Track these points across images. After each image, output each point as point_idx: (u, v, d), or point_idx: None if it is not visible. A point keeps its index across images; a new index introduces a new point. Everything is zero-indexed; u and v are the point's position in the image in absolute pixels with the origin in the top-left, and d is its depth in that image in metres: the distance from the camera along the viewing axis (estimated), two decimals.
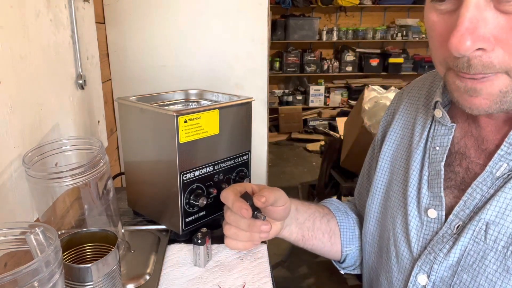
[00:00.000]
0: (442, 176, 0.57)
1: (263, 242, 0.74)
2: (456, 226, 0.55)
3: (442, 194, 0.57)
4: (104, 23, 1.20)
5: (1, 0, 0.57)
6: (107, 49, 1.22)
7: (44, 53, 0.71)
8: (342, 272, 0.81)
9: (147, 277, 0.65)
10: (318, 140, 4.59)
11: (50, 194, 0.57)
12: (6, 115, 0.58)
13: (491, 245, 0.50)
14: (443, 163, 0.58)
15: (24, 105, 0.63)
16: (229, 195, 0.63)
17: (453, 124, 0.58)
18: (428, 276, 0.57)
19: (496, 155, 0.51)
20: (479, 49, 0.43)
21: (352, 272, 0.81)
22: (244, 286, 0.65)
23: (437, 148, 0.59)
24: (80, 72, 0.87)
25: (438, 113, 0.58)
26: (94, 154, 0.59)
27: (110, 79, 1.25)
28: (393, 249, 0.64)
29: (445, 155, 0.58)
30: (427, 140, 0.62)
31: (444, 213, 0.57)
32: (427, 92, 0.66)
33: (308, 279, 2.26)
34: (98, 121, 1.04)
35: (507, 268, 0.49)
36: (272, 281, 0.67)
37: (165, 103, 0.85)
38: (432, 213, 0.58)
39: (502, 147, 0.51)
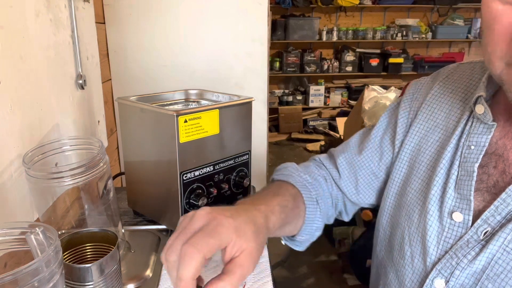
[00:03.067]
0: (474, 178, 0.53)
1: None
2: (484, 232, 0.51)
3: (472, 198, 0.53)
4: (104, 23, 1.20)
5: (1, 0, 0.57)
6: (107, 49, 1.22)
7: (44, 53, 0.71)
8: (283, 242, 0.74)
9: (147, 277, 0.65)
10: (318, 140, 4.59)
11: (50, 194, 0.57)
12: (6, 115, 0.58)
13: None
14: (477, 164, 0.53)
15: (24, 105, 0.63)
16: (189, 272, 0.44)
17: (494, 123, 0.53)
18: (447, 282, 0.54)
19: None
20: None
21: (290, 245, 0.74)
22: (244, 286, 0.65)
23: (472, 147, 0.54)
24: (80, 72, 0.87)
25: (480, 109, 0.53)
26: (94, 154, 0.59)
27: (110, 79, 1.25)
28: (408, 248, 0.61)
29: (481, 156, 0.53)
30: (460, 137, 0.57)
31: (471, 218, 0.53)
32: (466, 85, 0.61)
33: (308, 279, 2.26)
34: (98, 121, 1.04)
35: None
36: (272, 281, 0.67)
37: (165, 103, 0.85)
38: (458, 216, 0.54)
39: None
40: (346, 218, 0.81)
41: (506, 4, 0.41)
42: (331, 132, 4.67)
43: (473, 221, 0.52)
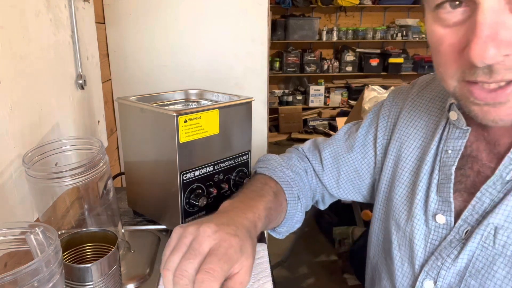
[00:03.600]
0: (452, 181, 0.56)
1: (263, 242, 0.74)
2: (465, 231, 0.53)
3: (452, 199, 0.55)
4: (104, 23, 1.20)
5: (1, 0, 0.57)
6: (107, 49, 1.22)
7: (44, 53, 0.71)
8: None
9: (147, 277, 0.65)
10: None
11: (50, 194, 0.57)
12: (6, 115, 0.58)
13: (500, 250, 0.49)
14: (454, 167, 0.56)
15: (24, 105, 0.63)
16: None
17: (468, 127, 0.55)
18: (435, 282, 0.55)
19: (506, 158, 0.50)
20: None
21: (270, 233, 0.76)
22: None
23: (450, 151, 0.57)
24: (80, 72, 0.87)
25: (453, 115, 0.56)
26: (94, 154, 0.59)
27: (110, 79, 1.25)
28: (397, 253, 0.62)
29: (457, 159, 0.56)
30: (439, 143, 0.59)
31: (453, 219, 0.55)
32: (442, 93, 0.63)
33: (308, 279, 2.26)
34: (98, 121, 1.04)
35: None
36: (272, 281, 0.67)
37: (165, 103, 0.85)
38: (441, 218, 0.56)
39: None
40: (322, 207, 0.84)
41: (446, 27, 0.44)
42: (331, 132, 4.66)
43: (455, 222, 0.55)
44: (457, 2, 0.42)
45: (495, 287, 0.49)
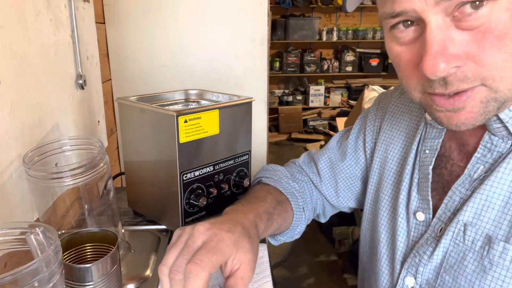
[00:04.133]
0: (430, 180, 0.58)
1: (263, 242, 0.74)
2: (439, 228, 0.56)
3: (430, 198, 0.58)
4: (104, 23, 1.20)
5: (1, 0, 0.57)
6: (107, 49, 1.22)
7: (44, 53, 0.71)
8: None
9: (147, 277, 0.65)
10: (318, 140, 4.59)
11: (50, 194, 0.57)
12: (6, 115, 0.58)
13: (470, 245, 0.52)
14: (431, 167, 0.59)
15: (24, 105, 0.63)
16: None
17: (444, 127, 0.58)
18: (415, 278, 0.58)
19: (473, 157, 0.53)
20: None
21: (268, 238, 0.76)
22: None
23: (427, 151, 0.60)
24: (80, 72, 0.87)
25: (429, 116, 0.59)
26: (94, 154, 0.59)
27: (110, 79, 1.25)
28: (384, 251, 0.65)
29: (434, 159, 0.59)
30: (419, 143, 0.62)
31: (431, 216, 0.58)
32: None
33: (308, 279, 2.26)
34: (98, 121, 1.04)
35: (484, 268, 0.50)
36: (272, 281, 0.67)
37: (165, 103, 0.85)
38: (420, 216, 0.59)
39: (478, 149, 0.53)
40: (323, 220, 0.85)
41: (402, 45, 0.47)
42: (331, 132, 4.66)
43: (433, 219, 0.57)
44: (409, 22, 0.45)
45: (466, 281, 0.51)
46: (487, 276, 0.49)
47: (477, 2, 0.40)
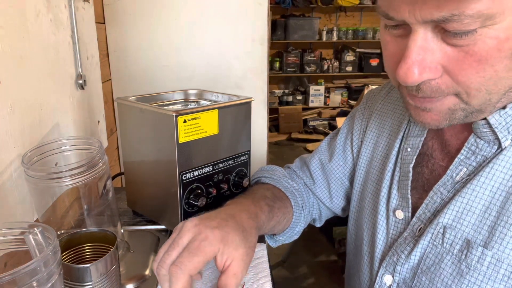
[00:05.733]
0: (410, 178, 0.58)
1: (262, 242, 0.74)
2: (418, 228, 0.56)
3: (409, 196, 0.58)
4: (104, 23, 1.20)
5: (1, 0, 0.57)
6: (107, 49, 1.22)
7: (44, 53, 0.71)
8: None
9: (146, 277, 0.65)
10: (318, 140, 4.59)
11: (49, 194, 0.57)
12: (6, 115, 0.58)
13: (448, 248, 0.51)
14: (411, 165, 0.59)
15: (24, 105, 0.63)
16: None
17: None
18: (393, 277, 0.58)
19: (456, 159, 0.53)
20: None
21: (267, 238, 0.77)
22: (243, 286, 0.65)
23: (409, 149, 0.60)
24: (80, 72, 0.87)
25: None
26: (94, 154, 0.59)
27: (110, 79, 1.25)
28: (366, 248, 0.65)
29: (415, 157, 0.59)
30: (401, 141, 0.62)
31: (410, 214, 0.58)
32: None
33: (308, 279, 2.26)
34: (98, 121, 1.04)
35: (461, 271, 0.50)
36: (272, 281, 0.67)
37: (164, 103, 0.85)
38: (400, 214, 0.59)
39: (462, 151, 0.52)
40: (319, 224, 0.85)
41: (392, 36, 0.48)
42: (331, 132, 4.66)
43: (412, 218, 0.57)
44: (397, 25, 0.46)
45: (443, 284, 0.51)
46: (464, 280, 0.49)
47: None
